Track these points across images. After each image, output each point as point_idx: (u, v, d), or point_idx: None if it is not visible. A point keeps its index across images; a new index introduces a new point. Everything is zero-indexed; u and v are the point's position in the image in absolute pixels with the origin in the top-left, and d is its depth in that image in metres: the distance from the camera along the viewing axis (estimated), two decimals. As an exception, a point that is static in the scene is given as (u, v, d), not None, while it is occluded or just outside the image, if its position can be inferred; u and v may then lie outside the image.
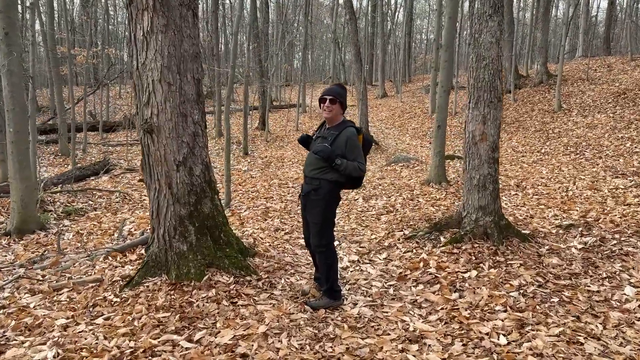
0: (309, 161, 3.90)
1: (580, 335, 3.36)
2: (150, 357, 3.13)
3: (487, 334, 3.43)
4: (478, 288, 4.23)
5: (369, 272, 4.76)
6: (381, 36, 30.51)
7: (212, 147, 16.37)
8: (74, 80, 17.21)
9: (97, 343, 3.31)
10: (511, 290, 4.15)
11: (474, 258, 4.80)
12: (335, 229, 4.19)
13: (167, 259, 4.42)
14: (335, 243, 5.47)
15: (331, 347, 3.27)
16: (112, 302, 4.12)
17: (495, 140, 5.05)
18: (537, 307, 3.84)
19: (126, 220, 7.13)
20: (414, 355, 3.18)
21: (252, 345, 3.24)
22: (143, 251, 5.18)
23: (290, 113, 24.02)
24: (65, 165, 12.74)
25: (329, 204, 3.83)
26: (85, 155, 14.47)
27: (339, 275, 4.19)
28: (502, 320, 3.63)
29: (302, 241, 5.80)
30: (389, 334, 3.48)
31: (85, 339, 3.39)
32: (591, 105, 15.76)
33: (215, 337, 3.35)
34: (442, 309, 3.90)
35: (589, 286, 4.25)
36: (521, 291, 4.13)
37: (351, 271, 4.83)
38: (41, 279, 4.77)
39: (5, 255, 5.80)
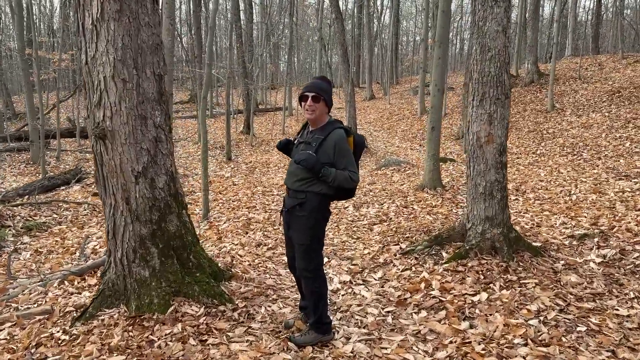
0: (292, 171, 3.27)
1: (622, 379, 2.77)
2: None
3: (509, 378, 2.83)
4: (490, 314, 3.63)
5: (363, 296, 4.13)
6: (368, 37, 30.02)
7: (194, 152, 15.67)
8: (54, 84, 16.39)
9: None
10: (529, 317, 3.55)
11: (482, 277, 4.20)
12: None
13: (126, 286, 3.76)
14: (325, 260, 4.85)
15: (320, 401, 2.64)
16: (60, 341, 3.46)
17: (502, 142, 4.47)
18: (563, 338, 3.25)
19: (92, 236, 6.43)
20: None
21: (221, 402, 2.60)
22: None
23: (276, 116, 23.37)
24: (36, 174, 11.98)
25: (317, 221, 3.21)
26: (59, 163, 13.70)
27: (328, 301, 3.57)
28: (524, 358, 3.03)
29: (286, 258, 5.16)
30: (390, 380, 2.87)
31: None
32: (585, 104, 15.33)
33: (176, 392, 2.71)
34: (450, 342, 3.29)
35: (617, 309, 3.67)
36: (541, 318, 3.54)
37: (342, 295, 4.20)
38: (-19, 311, 4.08)
39: (-52, 281, 5.08)
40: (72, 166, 12.91)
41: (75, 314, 3.85)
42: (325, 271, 3.49)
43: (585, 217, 6.30)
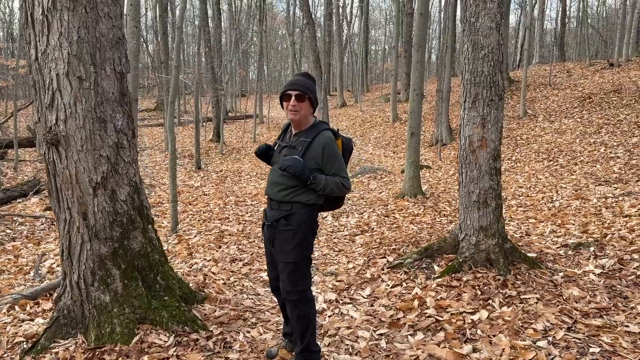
0: (274, 179, 2.86)
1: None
2: None
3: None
4: (494, 335, 3.30)
5: (351, 317, 3.75)
6: (338, 44, 29.89)
7: (161, 161, 15.06)
8: (14, 92, 15.55)
9: None
10: (536, 337, 3.24)
11: (479, 293, 3.87)
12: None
13: (83, 313, 3.30)
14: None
15: None
16: (4, 381, 2.97)
17: (497, 146, 4.18)
18: (577, 362, 2.94)
19: (49, 253, 5.88)
20: None
21: None
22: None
23: (247, 124, 22.88)
24: (-9, 186, 11.20)
25: (306, 235, 2.81)
26: (17, 174, 12.91)
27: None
28: (539, 387, 2.70)
29: (264, 275, 4.75)
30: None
31: None
32: (557, 110, 15.40)
33: None
34: (454, 370, 2.94)
35: (626, 326, 3.39)
36: (549, 338, 3.22)
37: (329, 315, 3.81)
38: None
39: None
40: (30, 177, 12.17)
41: (25, 346, 3.37)
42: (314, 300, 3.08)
43: (573, 224, 6.09)
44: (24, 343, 3.43)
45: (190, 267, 4.96)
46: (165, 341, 3.14)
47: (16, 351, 3.32)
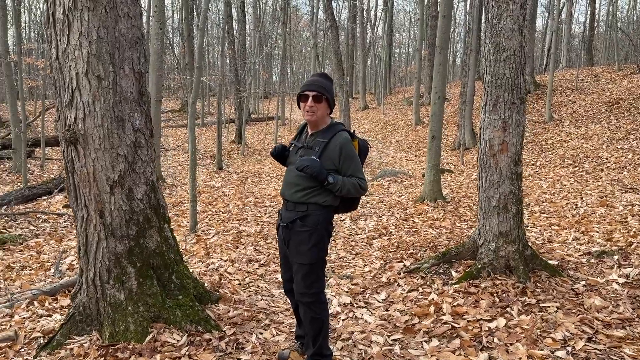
0: (290, 180, 2.83)
1: None
2: None
3: None
4: (511, 344, 3.22)
5: (365, 321, 3.71)
6: (361, 47, 29.83)
7: (184, 161, 15.22)
8: (43, 92, 15.88)
9: None
10: (555, 347, 3.15)
11: (497, 300, 3.79)
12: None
13: (99, 311, 3.33)
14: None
15: None
16: (20, 375, 3.01)
17: (518, 150, 4.09)
18: (597, 374, 2.84)
19: (70, 250, 5.97)
20: None
21: None
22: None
23: (269, 126, 22.98)
24: (18, 184, 11.47)
25: (321, 237, 2.78)
26: (43, 172, 13.19)
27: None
28: (556, 398, 2.62)
29: (279, 277, 4.72)
30: None
31: None
32: (583, 115, 15.08)
33: None
34: (469, 378, 2.87)
35: (651, 338, 3.28)
36: (569, 349, 3.13)
37: (343, 319, 3.77)
38: (-64, 336, 3.61)
39: None
40: (56, 175, 12.42)
41: (42, 341, 3.41)
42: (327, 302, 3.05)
43: (597, 232, 5.93)
44: (41, 338, 3.47)
45: (207, 267, 4.97)
46: (178, 340, 3.15)
47: (33, 346, 3.36)
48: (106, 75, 3.14)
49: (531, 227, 6.42)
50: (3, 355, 3.29)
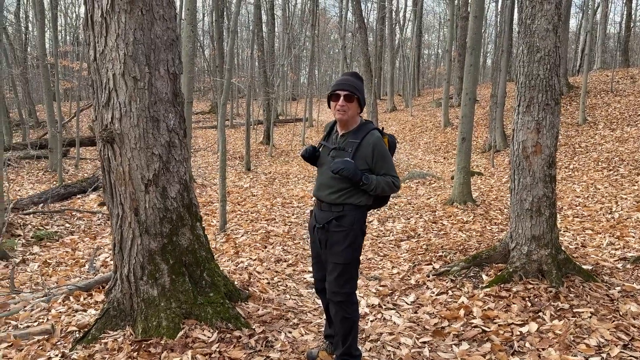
0: (324, 182, 2.84)
1: None
2: None
3: None
4: (543, 349, 3.16)
5: (394, 323, 3.70)
6: (390, 49, 29.69)
7: (214, 162, 15.41)
8: (79, 93, 16.33)
9: None
10: (589, 353, 3.08)
11: (529, 304, 3.73)
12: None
13: (132, 306, 3.40)
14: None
15: None
16: (57, 367, 3.10)
17: (552, 153, 4.02)
18: (634, 382, 2.77)
19: (103, 247, 6.11)
20: None
21: None
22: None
23: (297, 127, 23.08)
24: (54, 182, 11.80)
25: (356, 236, 2.80)
26: (78, 171, 13.54)
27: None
28: (591, 405, 2.57)
29: (308, 277, 4.75)
30: None
31: None
32: (619, 117, 14.69)
33: None
34: (499, 382, 2.84)
35: (690, 346, 3.18)
36: (603, 355, 3.06)
37: (371, 320, 3.76)
38: (-22, 328, 3.75)
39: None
40: (90, 174, 12.73)
41: (77, 335, 3.51)
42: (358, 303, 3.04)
43: (633, 237, 5.78)
44: (76, 332, 3.57)
45: (236, 266, 5.03)
46: (208, 337, 3.20)
47: (69, 340, 3.46)
48: (142, 76, 3.21)
49: (564, 231, 6.30)
50: (41, 347, 3.39)
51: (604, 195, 8.63)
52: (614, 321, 3.49)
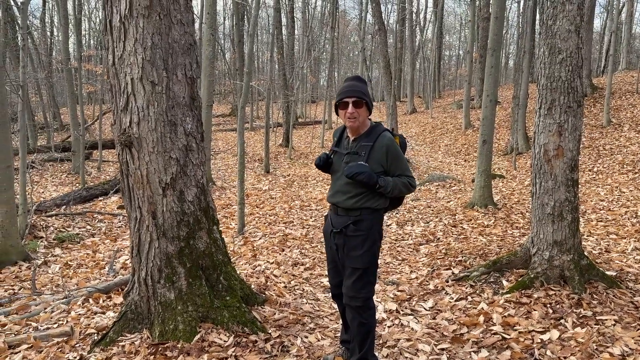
0: (340, 188, 2.81)
1: None
2: None
3: None
4: (565, 358, 3.09)
5: (412, 329, 3.65)
6: (410, 50, 29.54)
7: (233, 164, 15.50)
8: (100, 97, 16.62)
9: None
10: (613, 363, 3.00)
11: (551, 311, 3.65)
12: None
13: (149, 309, 3.42)
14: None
15: None
16: (75, 370, 3.13)
17: (574, 156, 3.93)
18: (660, 393, 2.68)
19: (123, 249, 6.18)
20: None
21: None
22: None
23: (315, 130, 23.10)
24: (76, 185, 12.00)
25: (374, 240, 2.78)
26: (100, 174, 13.75)
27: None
28: (614, 417, 2.49)
29: (325, 281, 4.73)
30: None
31: None
32: (645, 119, 14.35)
33: None
34: (520, 391, 2.77)
35: None
36: (628, 365, 2.97)
37: (389, 326, 3.72)
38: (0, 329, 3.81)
39: (-26, 293, 4.88)
40: (112, 177, 12.91)
41: (95, 337, 3.54)
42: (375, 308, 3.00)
43: (660, 242, 5.62)
44: (95, 335, 3.60)
45: (254, 269, 5.03)
46: (225, 341, 3.19)
47: (87, 342, 3.49)
48: (160, 80, 3.23)
49: (587, 236, 6.16)
50: (60, 349, 3.43)
51: (629, 198, 8.43)
52: (638, 329, 3.39)
